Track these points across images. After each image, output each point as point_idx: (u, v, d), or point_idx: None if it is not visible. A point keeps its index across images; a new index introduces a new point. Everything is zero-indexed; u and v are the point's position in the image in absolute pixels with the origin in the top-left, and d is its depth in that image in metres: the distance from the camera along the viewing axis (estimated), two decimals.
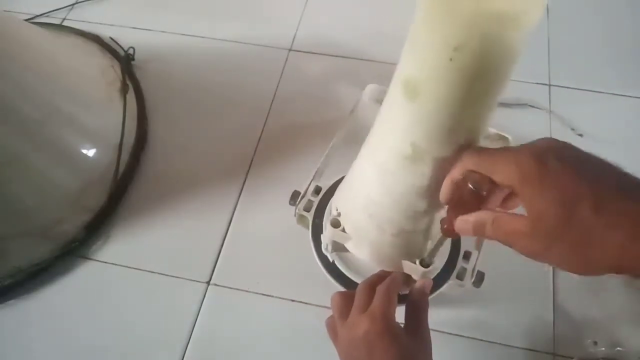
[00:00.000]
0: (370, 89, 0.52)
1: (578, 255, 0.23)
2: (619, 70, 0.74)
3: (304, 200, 0.51)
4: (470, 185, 0.28)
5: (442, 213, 0.37)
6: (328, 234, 0.44)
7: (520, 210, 0.27)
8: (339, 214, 0.44)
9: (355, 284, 0.45)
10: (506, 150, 0.27)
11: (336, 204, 0.45)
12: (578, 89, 0.72)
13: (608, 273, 0.23)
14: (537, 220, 0.24)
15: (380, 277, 0.40)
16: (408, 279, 0.42)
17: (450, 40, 0.26)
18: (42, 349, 0.55)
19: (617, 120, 0.68)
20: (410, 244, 0.41)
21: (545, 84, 0.72)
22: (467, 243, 0.49)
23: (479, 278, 0.47)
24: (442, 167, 0.32)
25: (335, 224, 0.43)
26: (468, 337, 0.54)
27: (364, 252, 0.43)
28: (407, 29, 0.31)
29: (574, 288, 0.57)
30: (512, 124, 0.52)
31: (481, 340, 0.54)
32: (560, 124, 0.67)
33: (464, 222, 0.29)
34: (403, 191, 0.36)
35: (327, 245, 0.45)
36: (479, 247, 0.48)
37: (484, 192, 0.28)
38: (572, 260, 0.24)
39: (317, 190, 0.51)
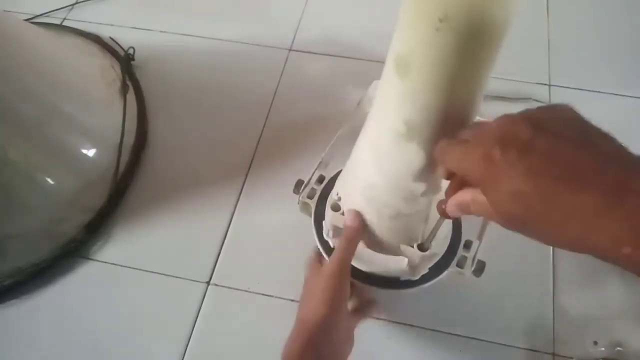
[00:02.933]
0: (376, 84, 0.52)
1: (543, 240, 0.24)
2: (618, 70, 0.74)
3: (307, 188, 0.51)
4: None
5: (441, 195, 0.37)
6: (329, 219, 0.45)
7: None
8: (339, 198, 0.44)
9: (355, 270, 0.46)
10: (461, 146, 0.27)
11: (337, 188, 0.46)
12: (578, 88, 0.72)
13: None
14: (498, 212, 0.25)
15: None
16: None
17: (435, 10, 0.26)
18: (43, 349, 0.55)
19: (617, 120, 0.68)
20: (408, 228, 0.41)
21: (545, 84, 0.72)
22: (469, 233, 0.49)
23: (479, 267, 0.47)
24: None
25: (335, 207, 0.44)
26: (468, 337, 0.54)
27: (363, 237, 0.43)
28: None
29: (574, 288, 0.57)
30: None
31: (481, 340, 0.54)
32: None
33: (448, 204, 0.31)
34: (398, 172, 0.36)
35: (328, 231, 0.45)
36: (480, 236, 0.48)
37: None
38: (540, 241, 0.24)
39: (321, 179, 0.52)
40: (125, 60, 0.75)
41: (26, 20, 0.81)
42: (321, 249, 0.48)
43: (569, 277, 0.57)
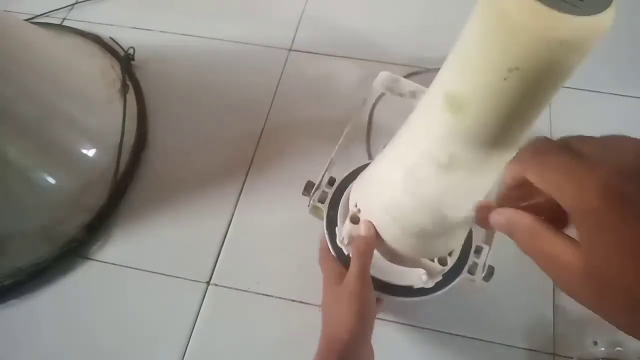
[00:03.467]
0: (383, 76, 0.51)
1: (635, 318, 0.18)
2: (618, 70, 0.74)
3: (319, 192, 0.50)
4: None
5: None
6: (346, 229, 0.44)
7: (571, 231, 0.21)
8: (358, 210, 0.43)
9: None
10: (575, 166, 0.19)
11: (355, 199, 0.45)
12: (577, 88, 0.72)
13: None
14: (593, 267, 0.18)
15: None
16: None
17: (506, 63, 0.25)
18: (43, 349, 0.55)
19: (617, 120, 0.68)
20: (431, 245, 0.41)
21: None
22: (478, 238, 0.49)
23: (489, 272, 0.47)
24: (477, 178, 0.32)
25: (355, 220, 0.43)
26: (468, 337, 0.54)
27: (381, 249, 0.43)
28: (406, 29, 0.31)
29: None
30: None
31: (481, 340, 0.54)
32: (560, 124, 0.67)
33: (499, 214, 0.25)
34: (433, 198, 0.35)
35: (343, 238, 0.45)
36: (489, 241, 0.48)
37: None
38: (626, 321, 0.19)
39: (331, 182, 0.51)
40: (125, 60, 0.75)
41: (26, 20, 0.81)
42: (334, 254, 0.47)
43: None
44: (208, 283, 0.58)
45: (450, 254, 0.41)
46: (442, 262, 0.41)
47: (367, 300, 0.39)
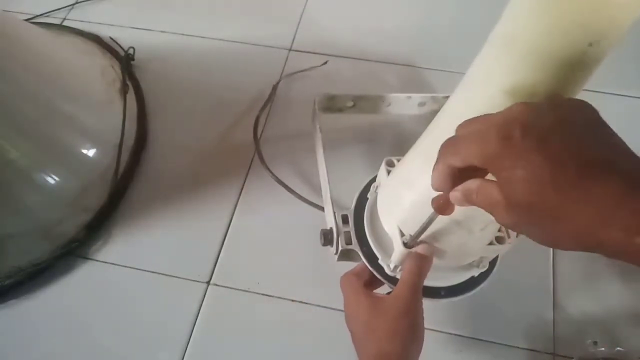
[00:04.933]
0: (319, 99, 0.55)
1: (544, 233, 0.24)
2: (618, 70, 0.74)
3: (342, 236, 0.47)
4: None
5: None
6: (398, 256, 0.42)
7: None
8: (404, 235, 0.41)
9: (430, 290, 0.45)
10: (474, 125, 0.26)
11: (395, 226, 0.42)
12: None
13: (578, 250, 0.23)
14: (507, 196, 0.24)
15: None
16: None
17: (588, 37, 0.26)
18: (42, 349, 0.55)
19: (616, 120, 0.68)
20: (493, 232, 0.41)
21: None
22: None
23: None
24: None
25: (411, 245, 0.41)
26: (468, 337, 0.54)
27: (445, 258, 0.42)
28: (406, 29, 0.31)
29: (574, 288, 0.57)
30: None
31: (481, 340, 0.54)
32: None
33: (454, 191, 0.29)
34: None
35: (396, 266, 0.43)
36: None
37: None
38: (540, 235, 0.24)
39: (345, 219, 0.48)
40: (125, 60, 0.75)
41: (26, 20, 0.81)
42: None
43: (569, 277, 0.57)
44: (208, 283, 0.58)
45: (415, 239, 0.40)
46: (500, 240, 0.41)
47: (421, 313, 0.39)
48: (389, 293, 0.41)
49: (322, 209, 0.55)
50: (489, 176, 0.26)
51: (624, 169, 0.22)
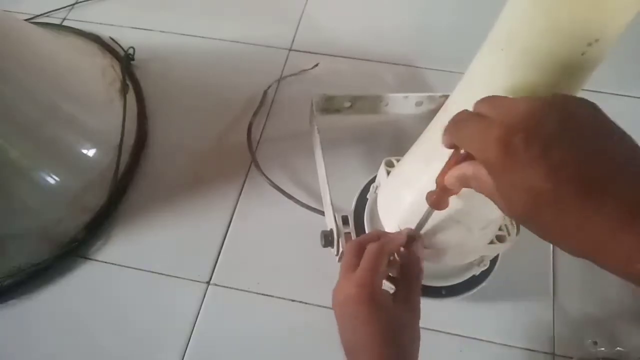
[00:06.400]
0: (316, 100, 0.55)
1: (542, 234, 0.24)
2: (618, 70, 0.74)
3: (342, 238, 0.48)
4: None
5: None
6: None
7: None
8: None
9: (431, 289, 0.45)
10: (478, 122, 0.25)
11: (395, 226, 0.43)
12: None
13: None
14: (504, 200, 0.24)
15: (373, 236, 0.38)
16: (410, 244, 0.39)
17: (589, 36, 0.26)
18: (42, 349, 0.55)
19: (616, 121, 0.68)
20: (494, 231, 0.42)
21: None
22: None
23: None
24: None
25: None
26: (468, 337, 0.54)
27: (446, 257, 0.42)
28: (405, 28, 0.31)
29: (574, 288, 0.57)
30: None
31: (481, 340, 0.54)
32: None
33: (450, 176, 0.29)
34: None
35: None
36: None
37: None
38: (537, 234, 0.24)
39: (345, 220, 0.49)
40: (125, 60, 0.75)
41: (26, 20, 0.81)
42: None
43: (569, 277, 0.57)
44: (208, 283, 0.58)
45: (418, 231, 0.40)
46: (501, 239, 0.41)
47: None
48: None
49: (320, 212, 0.55)
50: None
51: (626, 188, 0.21)
